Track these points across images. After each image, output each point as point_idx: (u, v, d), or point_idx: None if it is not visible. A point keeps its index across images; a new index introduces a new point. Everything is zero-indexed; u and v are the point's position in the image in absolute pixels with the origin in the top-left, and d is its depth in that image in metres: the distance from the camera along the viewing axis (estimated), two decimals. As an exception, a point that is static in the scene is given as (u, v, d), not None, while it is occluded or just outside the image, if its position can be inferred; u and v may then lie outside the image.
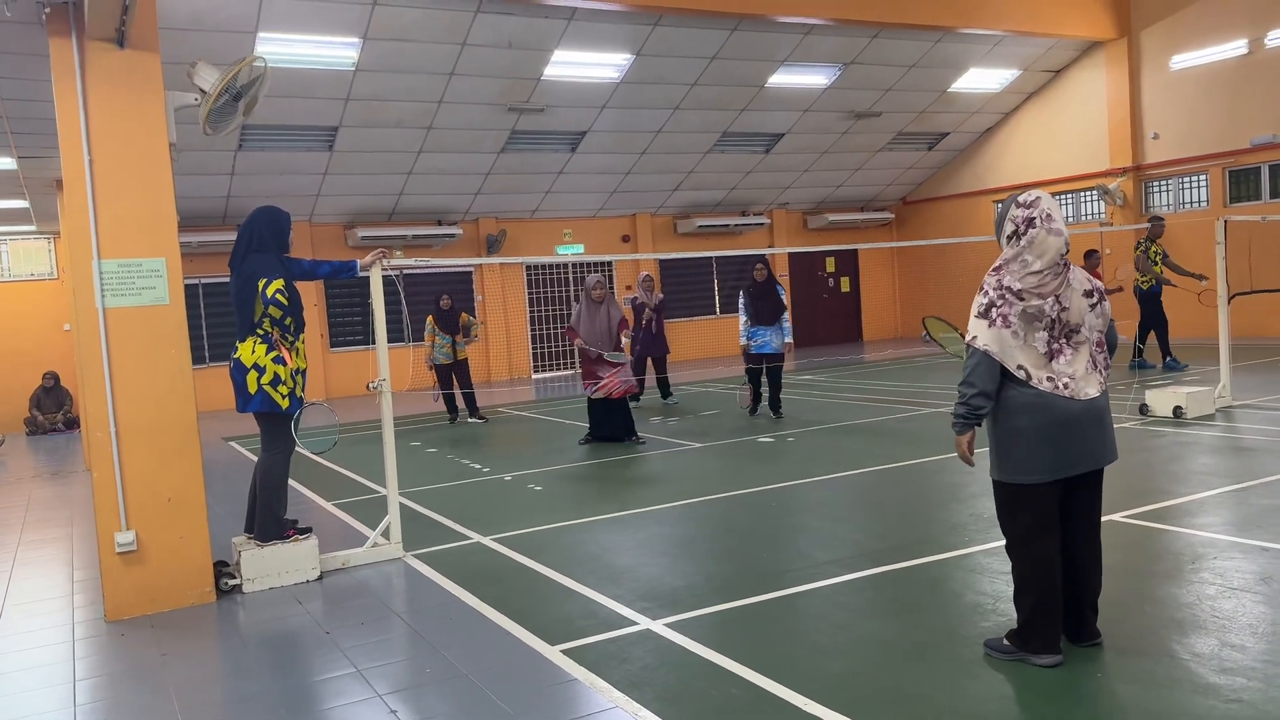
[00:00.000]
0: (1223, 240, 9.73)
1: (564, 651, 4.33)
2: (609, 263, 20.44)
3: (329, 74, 14.13)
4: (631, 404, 13.31)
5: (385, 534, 6.20)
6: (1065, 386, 3.76)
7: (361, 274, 6.06)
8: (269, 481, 5.77)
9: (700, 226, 20.75)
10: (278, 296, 5.49)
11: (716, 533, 6.33)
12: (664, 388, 13.57)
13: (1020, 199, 3.90)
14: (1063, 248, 3.78)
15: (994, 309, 3.79)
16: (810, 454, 8.88)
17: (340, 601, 5.41)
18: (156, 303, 5.51)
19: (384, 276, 6.12)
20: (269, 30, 12.88)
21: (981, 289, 3.88)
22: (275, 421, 5.72)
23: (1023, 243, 3.81)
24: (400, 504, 6.46)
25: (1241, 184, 16.96)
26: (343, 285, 17.89)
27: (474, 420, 12.78)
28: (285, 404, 5.64)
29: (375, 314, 6.04)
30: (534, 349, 19.87)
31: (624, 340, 10.22)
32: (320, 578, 5.84)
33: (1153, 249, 13.14)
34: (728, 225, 21.10)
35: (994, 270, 3.88)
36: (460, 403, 13.01)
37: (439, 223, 18.63)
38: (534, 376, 19.53)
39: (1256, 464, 7.12)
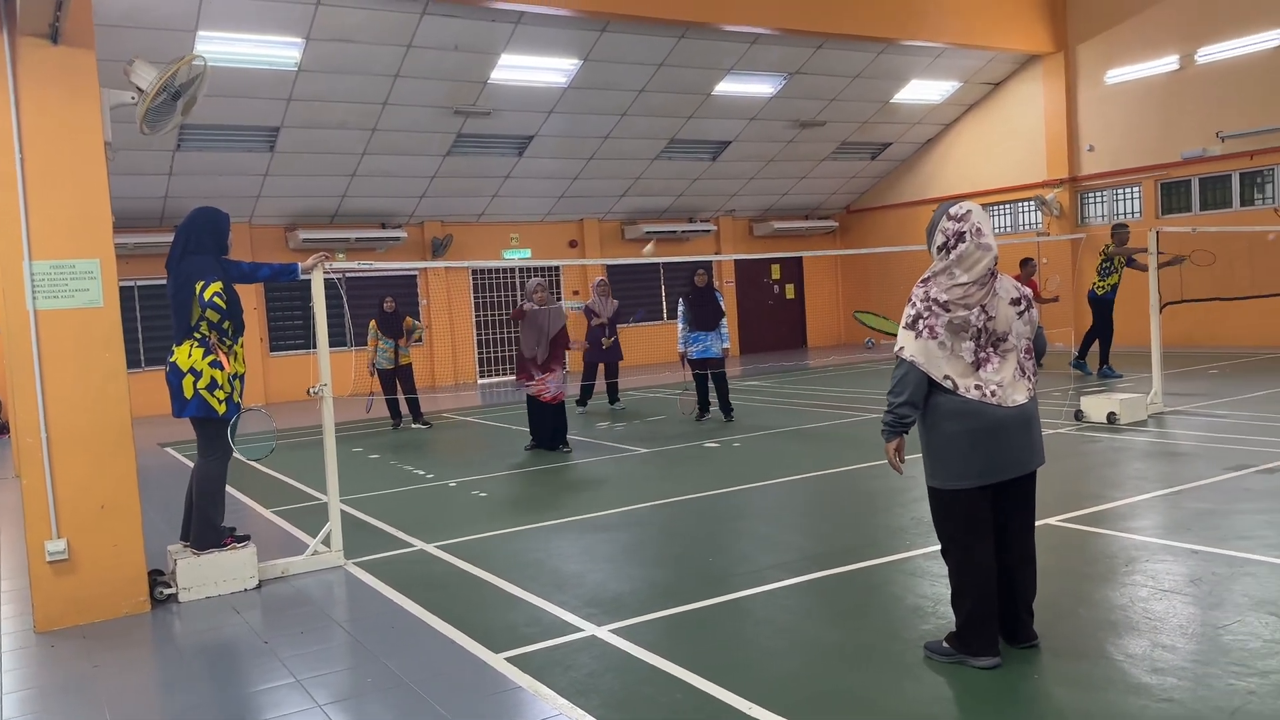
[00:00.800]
0: (1155, 251, 10.00)
1: (508, 659, 4.30)
2: (556, 268, 20.38)
3: (271, 74, 13.90)
4: (579, 409, 13.30)
5: (326, 542, 6.10)
6: (993, 394, 3.83)
7: (303, 277, 5.97)
8: (206, 488, 5.65)
9: (647, 232, 20.79)
10: (215, 299, 5.38)
11: (662, 538, 6.34)
12: (612, 393, 13.56)
13: (951, 210, 3.95)
14: (991, 262, 3.85)
15: (921, 320, 3.86)
16: (755, 459, 8.94)
17: (279, 611, 5.32)
18: (90, 305, 5.37)
19: (325, 280, 6.03)
20: (209, 29, 12.65)
21: (910, 300, 3.94)
22: (212, 427, 5.60)
23: (952, 256, 3.88)
24: (341, 511, 6.36)
25: (1173, 196, 17.46)
26: (283, 288, 17.59)
27: (418, 426, 12.64)
28: (222, 409, 5.53)
29: (316, 318, 5.96)
30: (480, 354, 19.73)
31: (566, 352, 10.24)
32: (258, 586, 5.73)
33: (1118, 258, 13.38)
34: (675, 231, 21.17)
35: (922, 281, 3.95)
36: (404, 408, 12.84)
37: (383, 226, 18.41)
38: (480, 381, 19.39)
39: (1187, 468, 7.33)
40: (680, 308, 11.53)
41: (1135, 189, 17.97)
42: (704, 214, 21.88)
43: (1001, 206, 20.22)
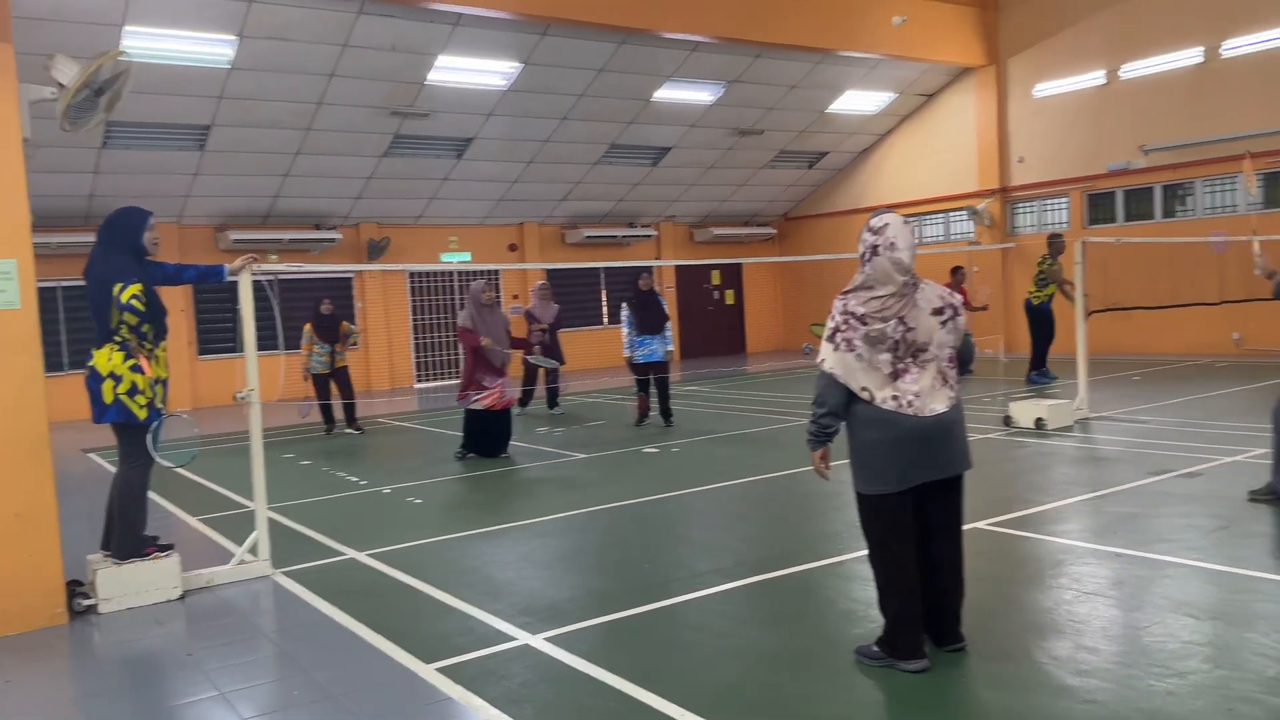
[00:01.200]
0: (1081, 260, 10.26)
1: (439, 670, 4.23)
2: (496, 271, 20.22)
3: (202, 71, 13.60)
4: (516, 411, 13.20)
5: (253, 550, 5.96)
6: (909, 404, 3.89)
7: (230, 279, 5.82)
8: (127, 496, 5.48)
9: (588, 237, 20.76)
10: (133, 302, 5.22)
11: (600, 544, 6.31)
12: (552, 397, 13.48)
13: (871, 222, 4.03)
14: (905, 274, 3.91)
15: (839, 333, 3.94)
16: (694, 464, 8.96)
17: (203, 621, 5.17)
18: (6, 306, 5.17)
19: (253, 282, 5.89)
20: (137, 24, 12.33)
21: (831, 312, 4.02)
22: (132, 433, 5.43)
23: (867, 269, 3.96)
24: (269, 519, 6.23)
25: (1099, 207, 17.95)
26: (212, 290, 17.17)
27: (351, 431, 12.42)
28: (143, 415, 5.36)
29: (244, 321, 5.82)
30: (417, 358, 19.51)
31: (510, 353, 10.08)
32: (182, 597, 5.57)
33: (1053, 267, 13.63)
34: (615, 236, 21.17)
35: (843, 294, 4.02)
36: (338, 413, 12.61)
37: (317, 227, 18.10)
38: (417, 386, 19.17)
39: (1111, 473, 7.51)
40: (624, 312, 11.50)
41: (1063, 200, 18.43)
42: (645, 219, 21.92)
43: (935, 216, 20.60)
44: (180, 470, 9.84)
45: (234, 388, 5.92)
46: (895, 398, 3.90)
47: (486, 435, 9.79)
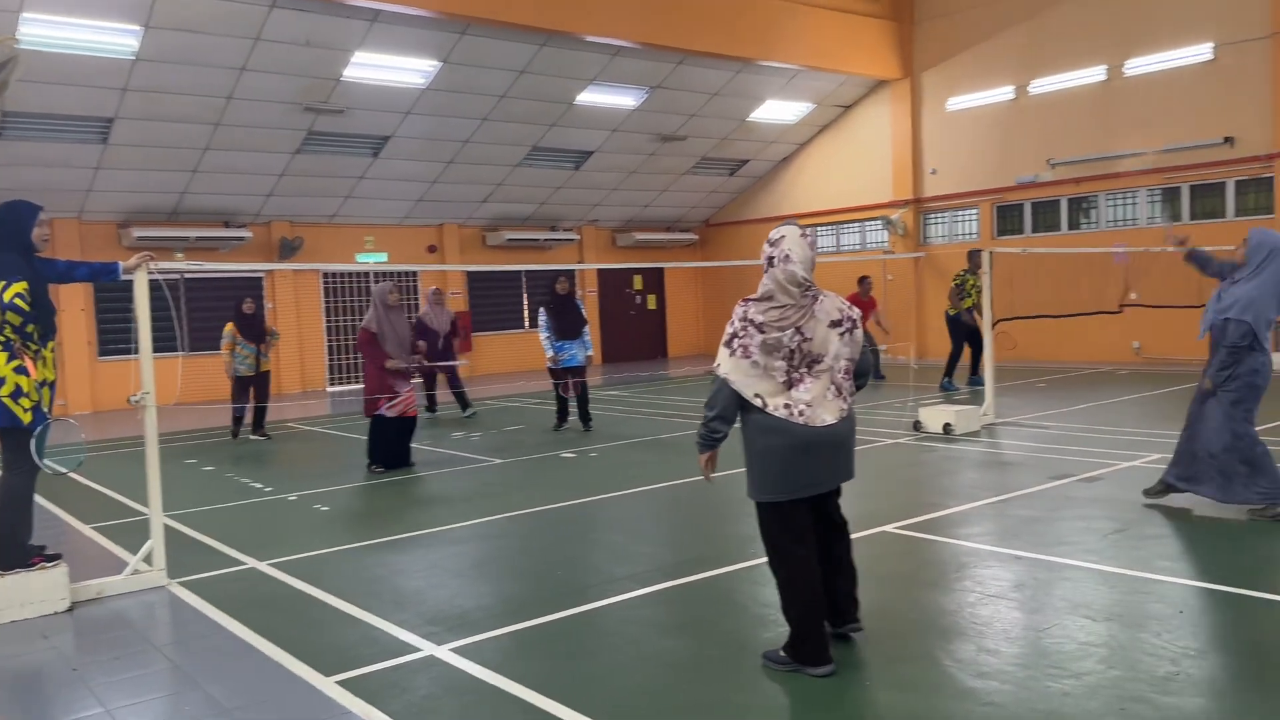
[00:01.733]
0: (989, 270, 10.52)
1: (340, 683, 4.10)
2: (414, 273, 19.92)
3: (105, 62, 13.10)
4: (425, 416, 13.01)
5: (147, 559, 5.72)
6: (800, 414, 3.93)
7: (125, 278, 5.58)
8: (10, 503, 5.21)
9: (509, 239, 20.59)
10: (16, 301, 4.97)
11: (513, 551, 6.23)
12: (462, 400, 13.32)
13: (770, 235, 4.12)
14: (799, 286, 3.97)
15: (736, 339, 3.98)
16: (611, 469, 8.92)
17: (93, 635, 4.94)
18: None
19: (151, 281, 5.66)
20: (35, 10, 11.84)
21: (730, 319, 4.06)
22: (16, 437, 5.16)
23: (765, 278, 4.04)
24: (166, 527, 5.99)
25: (1007, 218, 18.47)
26: (113, 289, 16.54)
27: (256, 437, 12.00)
28: (27, 418, 5.10)
29: (139, 321, 5.58)
30: (330, 361, 19.08)
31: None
32: (71, 609, 5.31)
33: (970, 281, 13.86)
34: (537, 240, 21.03)
35: (744, 301, 4.06)
36: (247, 417, 12.16)
37: (227, 224, 17.58)
38: (329, 390, 18.75)
39: (1014, 478, 7.70)
40: (542, 317, 11.37)
41: (973, 211, 18.92)
42: (567, 223, 21.83)
43: (851, 225, 20.96)
44: (72, 475, 9.47)
45: (132, 390, 5.68)
46: (787, 406, 3.94)
47: (397, 444, 9.28)
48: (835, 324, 4.02)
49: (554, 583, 5.44)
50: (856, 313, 4.14)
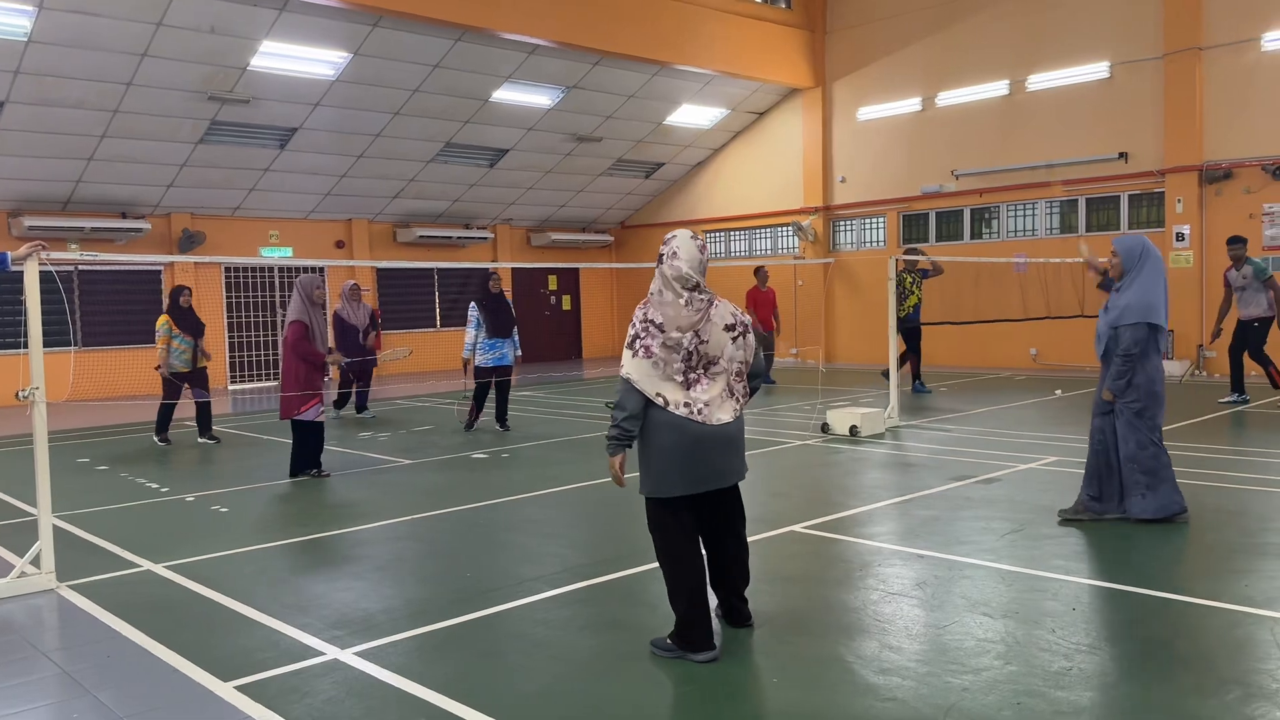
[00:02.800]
0: (894, 277, 10.79)
1: (238, 688, 3.98)
2: (322, 268, 19.46)
3: (-7, 41, 12.50)
4: (332, 415, 12.74)
5: (35, 562, 5.47)
6: (699, 412, 4.12)
7: (14, 268, 5.33)
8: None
9: (421, 237, 20.29)
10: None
11: (421, 554, 6.14)
12: (362, 400, 13.08)
13: (666, 237, 4.32)
14: (686, 284, 4.14)
15: (638, 340, 4.14)
16: (525, 470, 8.86)
17: (-28, 642, 4.70)
18: None
19: (43, 272, 5.42)
20: (-85, -17, 11.21)
21: (632, 321, 4.22)
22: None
23: (655, 277, 4.25)
24: (56, 528, 5.74)
25: (913, 227, 18.96)
26: (2, 278, 15.77)
27: (205, 440, 11.07)
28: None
29: (29, 313, 5.34)
30: (231, 358, 18.52)
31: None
32: (-51, 615, 5.06)
33: (907, 280, 13.97)
34: (450, 237, 20.78)
35: (643, 303, 4.22)
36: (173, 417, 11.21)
37: (124, 215, 16.93)
38: (230, 388, 18.20)
39: (917, 479, 7.91)
40: (474, 312, 11.13)
41: (881, 219, 19.37)
42: (481, 221, 21.63)
43: (763, 230, 21.25)
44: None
45: (21, 385, 5.42)
46: (687, 405, 4.11)
47: (316, 445, 8.74)
48: (729, 328, 4.21)
49: (462, 585, 5.39)
50: (748, 319, 4.33)
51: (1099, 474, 6.34)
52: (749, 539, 5.51)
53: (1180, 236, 15.51)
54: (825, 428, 10.35)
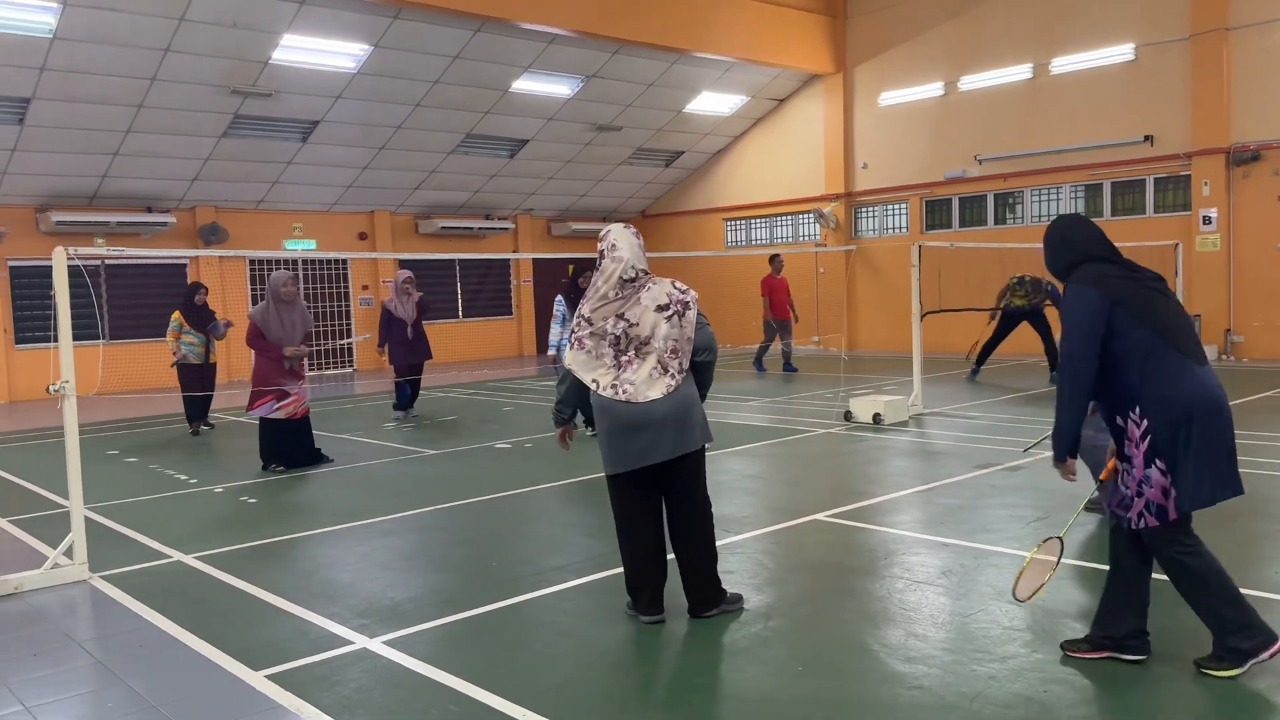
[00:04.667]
0: (917, 263, 10.72)
1: (269, 677, 4.04)
2: (344, 260, 19.60)
3: (20, 40, 12.63)
4: (408, 414, 12.02)
5: (68, 553, 5.56)
6: (625, 393, 4.32)
7: (44, 260, 5.39)
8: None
9: (443, 228, 20.37)
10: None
11: (445, 543, 6.18)
12: (402, 395, 12.21)
13: (602, 233, 4.55)
14: (625, 272, 4.36)
15: (574, 334, 4.45)
16: (546, 460, 8.89)
17: (10, 631, 4.79)
18: None
19: (71, 267, 5.49)
20: (-57, -18, 11.34)
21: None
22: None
23: (595, 272, 4.47)
24: (88, 519, 5.83)
25: (936, 213, 18.83)
26: (31, 275, 15.96)
27: (203, 427, 11.45)
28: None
29: (59, 307, 5.41)
30: (258, 350, 18.66)
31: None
32: (-15, 606, 5.15)
33: (1017, 284, 13.77)
34: (472, 228, 20.85)
35: (583, 299, 4.50)
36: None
37: (149, 210, 17.09)
38: (258, 379, 18.34)
39: (942, 467, 7.88)
40: (560, 308, 10.36)
41: (903, 205, 19.25)
42: (501, 212, 21.67)
43: (784, 218, 21.16)
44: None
45: (51, 379, 5.49)
46: (614, 386, 4.34)
47: (293, 444, 8.74)
48: (662, 308, 4.36)
49: (487, 574, 5.42)
50: (691, 296, 4.44)
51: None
52: (771, 528, 5.50)
53: (1207, 220, 15.33)
54: (848, 416, 10.31)
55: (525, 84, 17.09)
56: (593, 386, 4.38)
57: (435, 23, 14.76)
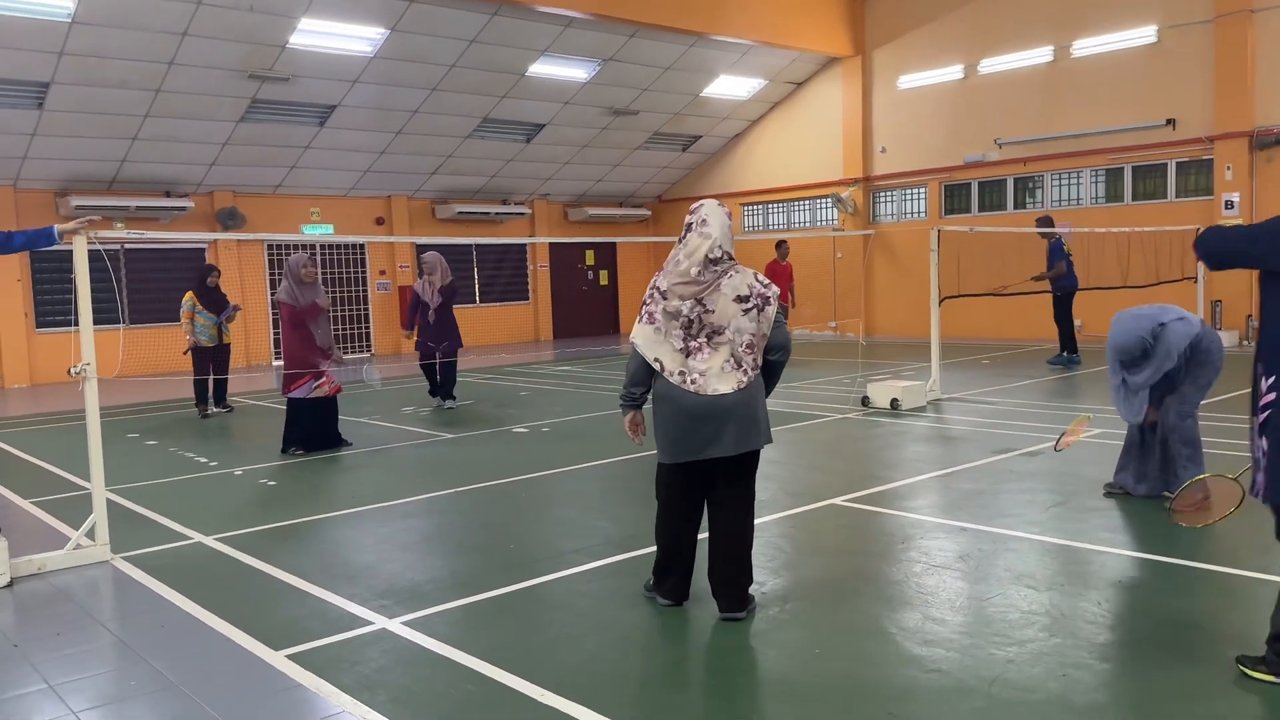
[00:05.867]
0: (936, 248, 10.65)
1: (289, 656, 4.07)
2: (362, 245, 19.65)
3: (39, 24, 12.68)
4: (452, 402, 11.59)
5: (90, 534, 5.61)
6: (693, 382, 4.12)
7: (62, 244, 5.43)
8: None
9: (460, 213, 20.38)
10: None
11: (464, 525, 6.21)
12: (446, 388, 11.57)
13: (693, 207, 4.36)
14: (711, 250, 4.15)
15: (645, 307, 4.27)
16: (564, 444, 8.91)
17: (33, 610, 4.84)
18: None
19: (92, 250, 5.51)
20: (-37, -34, 11.39)
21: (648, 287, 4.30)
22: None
23: (680, 246, 4.27)
24: (110, 501, 5.88)
25: (955, 197, 18.70)
26: (51, 259, 16.09)
27: (218, 410, 11.62)
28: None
29: (79, 290, 5.44)
30: (275, 334, 18.77)
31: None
32: (10, 584, 5.20)
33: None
34: (488, 213, 20.85)
35: (659, 271, 4.29)
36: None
37: (168, 194, 17.17)
38: (275, 364, 18.46)
39: (960, 451, 7.85)
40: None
41: (922, 190, 19.12)
42: (518, 196, 21.66)
43: (801, 203, 21.07)
44: (11, 450, 9.25)
45: (72, 362, 5.53)
46: (682, 373, 4.14)
47: (320, 426, 8.82)
48: (742, 299, 4.15)
49: (504, 557, 5.44)
50: (773, 291, 4.22)
51: (1133, 449, 6.17)
52: (788, 512, 5.50)
53: (1229, 204, 15.15)
54: (865, 401, 10.28)
55: (542, 68, 17.04)
56: (655, 367, 4.19)
57: (452, 6, 14.73)
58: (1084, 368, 13.04)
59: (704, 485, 4.33)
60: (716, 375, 4.12)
